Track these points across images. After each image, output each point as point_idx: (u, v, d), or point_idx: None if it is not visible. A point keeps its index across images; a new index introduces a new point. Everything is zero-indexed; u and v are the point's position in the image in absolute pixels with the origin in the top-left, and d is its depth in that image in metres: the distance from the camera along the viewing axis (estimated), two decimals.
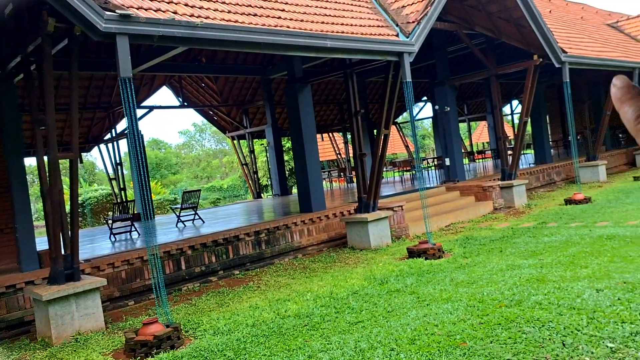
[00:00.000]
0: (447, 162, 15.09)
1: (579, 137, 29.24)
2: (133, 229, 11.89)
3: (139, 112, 18.32)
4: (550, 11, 20.04)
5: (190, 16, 6.61)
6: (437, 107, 15.09)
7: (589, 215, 11.29)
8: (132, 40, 6.14)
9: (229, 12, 7.18)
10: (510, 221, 11.89)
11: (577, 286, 5.93)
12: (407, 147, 30.66)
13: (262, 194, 22.46)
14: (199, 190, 13.25)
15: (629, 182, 16.41)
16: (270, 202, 18.15)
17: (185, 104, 20.89)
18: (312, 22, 8.21)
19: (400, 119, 35.76)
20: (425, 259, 8.70)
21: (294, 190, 25.62)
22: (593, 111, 20.22)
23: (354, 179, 27.43)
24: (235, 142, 23.17)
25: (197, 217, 12.72)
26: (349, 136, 32.44)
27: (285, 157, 25.38)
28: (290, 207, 13.90)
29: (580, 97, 19.14)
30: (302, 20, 8.03)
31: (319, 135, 29.80)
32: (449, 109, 14.84)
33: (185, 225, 12.34)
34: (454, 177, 14.97)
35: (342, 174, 24.22)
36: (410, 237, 11.18)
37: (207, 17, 6.69)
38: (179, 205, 12.77)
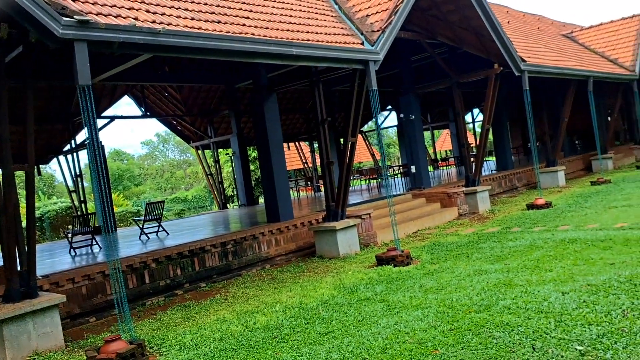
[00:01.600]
0: (413, 169, 15.23)
1: (538, 144, 30.15)
2: (94, 242, 11.50)
3: (100, 123, 17.85)
4: (508, 22, 20.63)
5: (152, 22, 6.45)
6: (402, 115, 15.25)
7: (550, 219, 11.56)
8: (91, 47, 5.94)
9: (192, 18, 7.05)
10: (475, 227, 12.06)
11: (543, 290, 6.01)
12: (373, 155, 30.90)
13: (227, 205, 22.16)
14: (163, 201, 12.95)
15: (587, 187, 16.94)
16: (237, 213, 17.91)
17: (148, 113, 20.50)
18: (278, 29, 8.16)
19: (366, 128, 36.08)
20: (394, 266, 8.70)
21: (261, 200, 25.40)
22: (551, 118, 20.84)
23: (321, 188, 27.42)
24: (199, 152, 22.85)
25: (161, 229, 12.41)
26: (315, 145, 32.52)
27: (252, 167, 25.22)
28: (257, 217, 13.74)
29: (538, 104, 19.70)
30: (267, 28, 7.97)
31: (285, 145, 29.74)
32: (413, 117, 15.02)
33: (148, 238, 12.01)
34: (420, 184, 15.12)
35: (309, 183, 24.19)
36: (378, 244, 11.19)
37: (169, 24, 6.55)
38: (142, 217, 12.44)
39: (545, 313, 5.16)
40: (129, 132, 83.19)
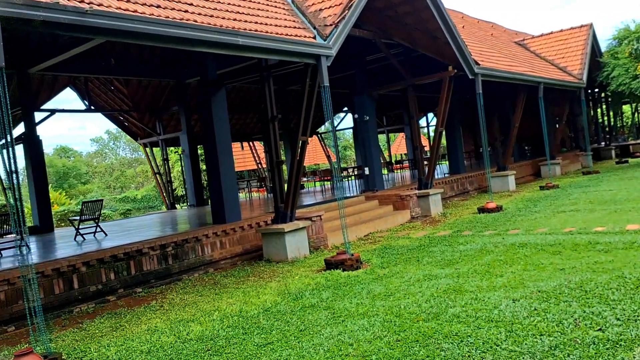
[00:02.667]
0: (367, 171, 14.99)
1: (489, 149, 30.72)
2: (23, 243, 10.59)
3: (39, 116, 16.77)
4: (463, 27, 20.78)
5: (80, 2, 5.84)
6: (356, 116, 14.98)
7: (501, 223, 11.51)
8: (7, 24, 5.28)
9: (128, 1, 6.47)
10: (427, 230, 11.89)
11: (494, 296, 5.77)
12: (328, 157, 30.66)
13: (176, 205, 21.32)
14: (101, 200, 12.15)
15: (536, 192, 17.17)
16: (185, 213, 17.18)
17: (92, 108, 19.48)
18: (224, 18, 7.66)
19: (322, 129, 35.83)
20: (343, 270, 8.34)
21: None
22: (502, 124, 21.12)
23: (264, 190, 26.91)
24: (148, 149, 21.93)
25: (99, 229, 11.62)
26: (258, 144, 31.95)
27: (202, 166, 24.41)
28: (205, 219, 13.13)
29: (490, 110, 19.92)
30: (212, 16, 7.46)
31: (239, 144, 29.05)
32: (368, 118, 14.78)
33: (84, 239, 11.20)
34: (373, 187, 14.89)
35: (262, 183, 23.65)
36: (329, 247, 10.83)
37: (100, 5, 5.95)
38: (78, 217, 11.61)
39: (496, 322, 4.90)
40: (80, 128, 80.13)
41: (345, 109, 27.82)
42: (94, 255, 8.24)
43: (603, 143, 32.40)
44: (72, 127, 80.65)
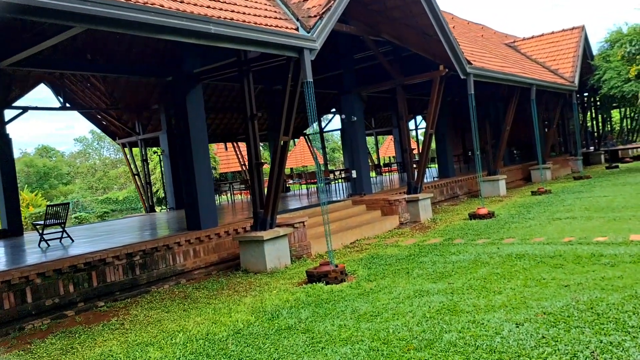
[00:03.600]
0: (354, 174, 14.31)
1: (478, 152, 30.24)
2: None
3: (10, 113, 15.89)
4: (454, 27, 20.22)
5: None
6: (343, 116, 14.30)
7: (494, 230, 10.90)
8: None
9: None
10: (416, 237, 11.23)
11: (494, 319, 5.10)
12: (315, 159, 29.96)
13: (155, 208, 20.48)
14: (67, 203, 11.32)
15: (528, 197, 16.63)
16: (164, 217, 16.37)
17: (68, 105, 18.61)
18: (196, 4, 6.93)
19: (309, 131, 35.15)
20: (326, 283, 7.64)
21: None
22: (492, 127, 20.59)
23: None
24: (127, 149, 21.07)
25: (65, 235, 10.79)
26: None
27: None
28: (183, 223, 12.36)
29: (480, 113, 19.37)
30: (181, 2, 6.73)
31: (222, 145, 28.24)
32: (355, 118, 14.11)
33: (49, 245, 10.37)
34: (361, 191, 14.21)
35: (247, 185, 22.87)
36: (312, 256, 10.12)
37: None
38: (42, 222, 10.77)
39: (500, 353, 4.22)
40: (67, 128, 78.60)
41: (334, 110, 27.14)
42: (50, 265, 7.44)
43: (592, 148, 32.12)
44: (60, 127, 79.11)
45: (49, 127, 77.44)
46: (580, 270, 6.86)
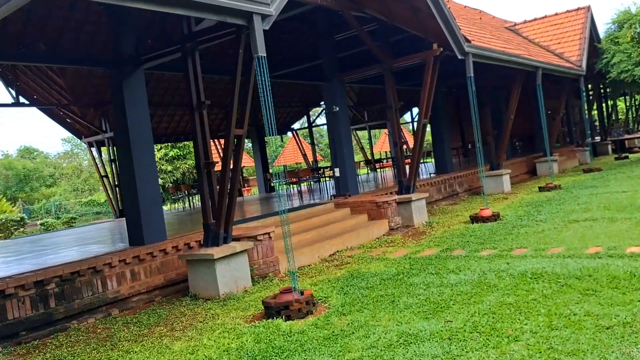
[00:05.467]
0: (337, 172, 12.53)
1: (479, 144, 28.41)
2: None
3: None
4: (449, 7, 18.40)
5: None
6: (323, 105, 12.50)
7: (500, 237, 9.14)
8: None
9: None
10: (408, 246, 9.47)
11: None
12: (305, 156, 28.18)
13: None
14: None
15: (535, 194, 14.86)
16: None
17: (25, 101, 16.80)
18: None
19: (297, 125, 33.31)
20: (287, 318, 5.88)
21: (166, 207, 21.92)
22: (494, 117, 18.79)
23: (246, 192, 24.29)
24: (94, 149, 19.30)
25: None
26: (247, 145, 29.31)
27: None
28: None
29: (480, 101, 17.56)
30: None
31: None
32: (337, 108, 12.32)
33: None
34: (345, 191, 12.43)
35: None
36: (280, 274, 8.35)
37: None
38: None
39: None
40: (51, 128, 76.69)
41: (322, 103, 25.31)
42: None
43: (598, 138, 30.36)
44: (47, 127, 77.19)
45: (42, 127, 75.59)
46: (621, 300, 5.09)
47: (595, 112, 31.13)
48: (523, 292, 5.74)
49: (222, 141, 24.87)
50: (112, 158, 18.54)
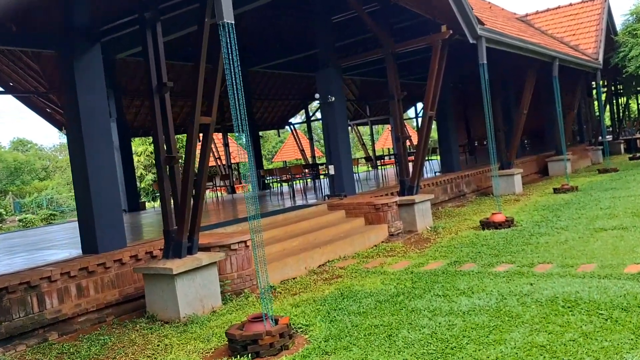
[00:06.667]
0: (332, 170, 11.25)
1: (485, 142, 27.05)
2: None
3: None
4: None
5: None
6: (317, 96, 11.23)
7: (517, 248, 7.86)
8: None
9: None
10: (410, 257, 8.20)
11: None
12: (302, 151, 26.90)
13: None
14: None
15: (549, 196, 13.57)
16: None
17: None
18: None
19: (297, 120, 32.05)
20: (255, 355, 4.64)
21: (150, 205, 20.61)
22: (505, 112, 17.47)
23: (239, 189, 23.06)
24: None
25: None
26: (230, 137, 28.05)
27: (137, 160, 20.63)
28: (131, 231, 9.46)
29: (490, 93, 16.24)
30: None
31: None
32: (333, 98, 11.04)
33: None
34: (340, 191, 11.16)
35: (224, 182, 19.84)
36: (259, 289, 7.08)
37: None
38: None
39: None
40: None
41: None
42: None
43: (609, 137, 28.99)
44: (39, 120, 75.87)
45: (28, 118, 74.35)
46: None
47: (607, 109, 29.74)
48: (557, 328, 4.47)
49: (216, 136, 23.63)
50: None
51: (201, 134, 6.50)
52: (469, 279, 6.40)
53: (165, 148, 6.24)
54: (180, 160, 6.19)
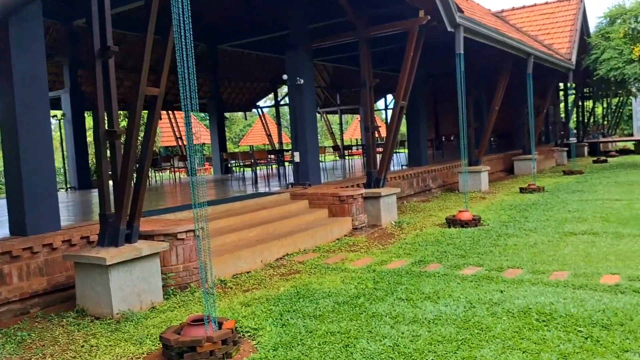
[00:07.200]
0: (297, 157, 10.66)
1: (453, 138, 26.89)
2: None
3: None
4: None
5: None
6: (285, 77, 10.57)
7: (485, 249, 7.48)
8: None
9: None
10: (373, 253, 7.71)
11: None
12: (269, 136, 26.13)
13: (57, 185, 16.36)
14: None
15: (516, 195, 13.36)
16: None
17: None
18: None
19: (263, 102, 31.20)
20: None
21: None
22: (475, 108, 17.19)
23: (202, 171, 22.19)
24: None
25: None
26: (194, 116, 26.99)
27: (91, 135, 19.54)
28: (70, 212, 8.64)
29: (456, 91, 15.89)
30: None
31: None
32: (302, 81, 10.41)
33: None
34: (305, 180, 10.59)
35: (184, 163, 18.92)
36: (208, 283, 6.45)
37: None
38: None
39: None
40: None
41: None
42: None
43: (573, 139, 29.34)
44: None
45: None
46: None
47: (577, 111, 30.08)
48: (531, 346, 4.04)
49: (179, 115, 22.54)
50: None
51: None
52: (435, 282, 5.95)
53: (106, 121, 5.50)
54: (122, 136, 5.47)
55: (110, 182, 5.99)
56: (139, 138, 5.76)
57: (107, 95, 5.44)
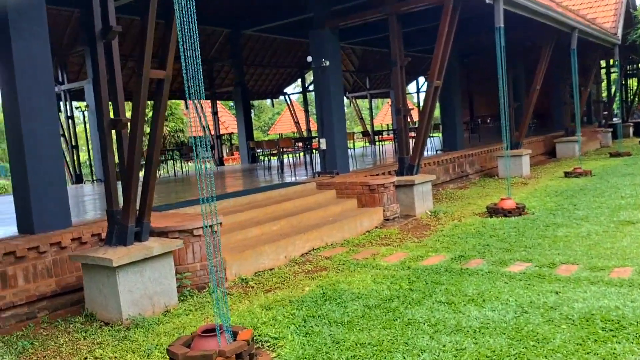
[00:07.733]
0: (323, 144, 10.06)
1: (489, 120, 25.75)
2: None
3: None
4: None
5: None
6: (310, 59, 9.94)
7: (533, 242, 6.75)
8: None
9: None
10: (407, 247, 7.08)
11: None
12: (297, 123, 25.57)
13: (83, 178, 16.26)
14: None
15: (561, 180, 12.45)
16: (78, 193, 12.22)
17: None
18: None
19: (291, 89, 30.60)
20: None
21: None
22: (515, 87, 16.22)
23: (231, 161, 21.78)
24: None
25: None
26: (222, 105, 26.66)
27: None
28: (90, 206, 8.36)
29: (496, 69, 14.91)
30: None
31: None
32: (328, 63, 9.78)
33: None
34: (332, 169, 9.99)
35: (189, 154, 18.53)
36: (227, 283, 5.97)
37: None
38: None
39: None
40: None
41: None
42: None
43: (617, 119, 27.75)
44: None
45: None
46: None
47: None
48: None
49: (206, 104, 22.22)
50: (68, 115, 16.05)
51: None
52: (479, 281, 5.29)
53: (114, 110, 5.03)
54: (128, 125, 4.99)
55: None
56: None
57: (110, 81, 4.96)
